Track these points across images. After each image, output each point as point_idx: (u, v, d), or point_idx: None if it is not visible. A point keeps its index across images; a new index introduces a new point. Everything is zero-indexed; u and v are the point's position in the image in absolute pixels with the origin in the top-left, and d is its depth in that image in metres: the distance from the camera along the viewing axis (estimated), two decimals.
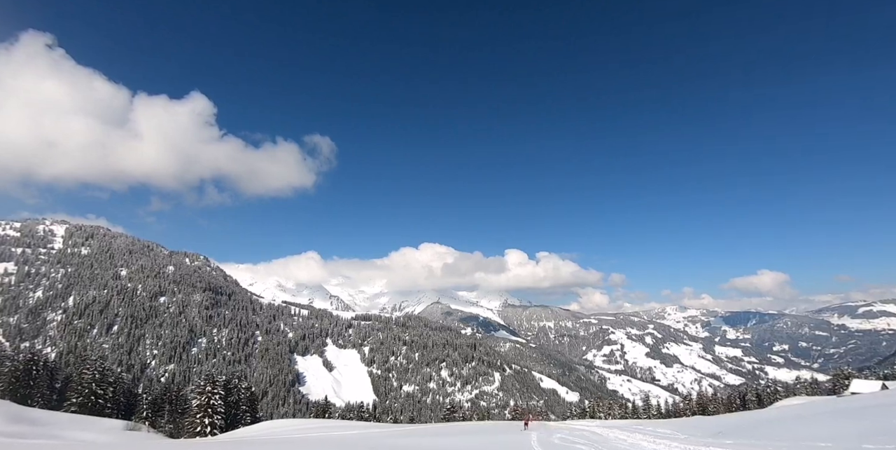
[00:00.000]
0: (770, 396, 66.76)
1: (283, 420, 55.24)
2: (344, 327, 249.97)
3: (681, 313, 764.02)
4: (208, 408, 54.07)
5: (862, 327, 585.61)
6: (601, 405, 77.25)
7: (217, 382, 58.00)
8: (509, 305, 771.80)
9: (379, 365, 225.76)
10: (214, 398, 54.68)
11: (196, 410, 54.70)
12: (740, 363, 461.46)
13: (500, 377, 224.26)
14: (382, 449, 19.52)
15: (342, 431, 29.67)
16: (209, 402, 54.61)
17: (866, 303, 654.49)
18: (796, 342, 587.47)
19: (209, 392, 55.19)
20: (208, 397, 54.64)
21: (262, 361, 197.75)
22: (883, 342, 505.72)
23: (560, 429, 30.29)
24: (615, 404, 78.41)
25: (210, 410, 54.02)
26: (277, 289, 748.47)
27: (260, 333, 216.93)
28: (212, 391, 55.20)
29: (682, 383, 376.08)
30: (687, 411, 66.85)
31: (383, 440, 22.16)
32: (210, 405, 54.32)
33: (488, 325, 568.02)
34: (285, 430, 34.53)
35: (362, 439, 24.01)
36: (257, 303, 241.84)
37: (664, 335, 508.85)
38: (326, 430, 30.66)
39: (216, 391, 55.35)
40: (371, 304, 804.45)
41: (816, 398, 56.30)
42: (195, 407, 55.00)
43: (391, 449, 19.63)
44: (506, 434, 20.03)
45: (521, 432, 28.11)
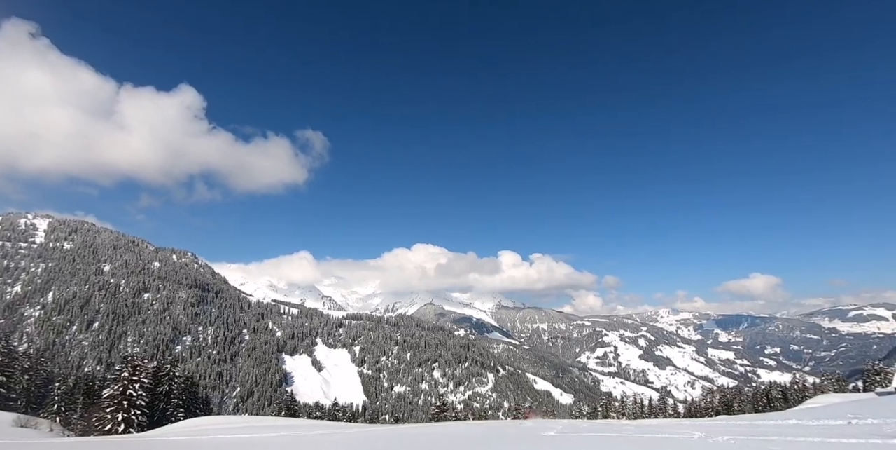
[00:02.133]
0: (797, 393, 63.33)
1: (221, 417, 46.65)
2: (334, 327, 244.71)
3: (674, 316, 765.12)
4: (124, 400, 42.96)
5: (853, 331, 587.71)
6: (613, 405, 72.84)
7: (139, 367, 45.61)
8: (503, 306, 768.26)
9: (370, 365, 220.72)
10: (133, 388, 43.72)
11: (107, 402, 43.11)
12: (733, 366, 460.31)
13: (493, 379, 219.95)
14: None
15: (278, 431, 24.88)
16: (125, 392, 43.35)
17: (857, 307, 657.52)
18: (788, 345, 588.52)
19: (126, 380, 44.06)
20: (124, 387, 43.57)
21: (249, 360, 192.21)
22: (873, 346, 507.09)
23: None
24: (628, 402, 73.98)
25: (126, 402, 42.94)
26: (269, 289, 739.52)
27: (247, 332, 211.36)
28: (130, 379, 44.19)
29: (676, 385, 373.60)
30: (710, 410, 63.15)
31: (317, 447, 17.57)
32: (127, 397, 43.18)
33: (482, 326, 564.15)
34: (213, 428, 29.49)
35: (292, 442, 19.46)
36: (245, 301, 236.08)
37: (657, 338, 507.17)
38: (261, 430, 25.84)
39: (137, 379, 44.35)
40: (364, 305, 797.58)
41: (852, 395, 53.07)
42: (106, 399, 43.40)
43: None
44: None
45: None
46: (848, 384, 71.68)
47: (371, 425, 36.08)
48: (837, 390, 64.00)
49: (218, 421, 37.11)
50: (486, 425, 28.74)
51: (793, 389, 65.71)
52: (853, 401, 33.83)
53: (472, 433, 20.94)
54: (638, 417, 66.95)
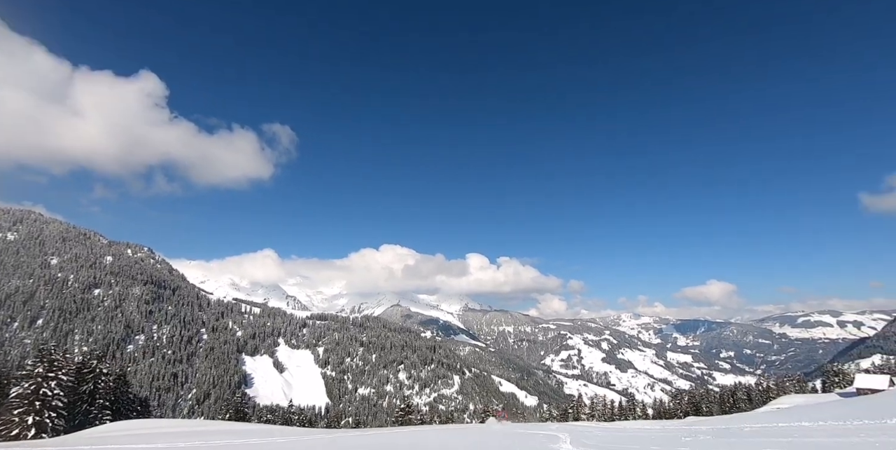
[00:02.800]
0: (762, 394, 64.57)
1: (152, 421, 40.44)
2: (298, 327, 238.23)
3: (635, 321, 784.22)
4: (36, 400, 37.43)
5: (801, 336, 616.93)
6: (583, 407, 72.31)
7: (57, 362, 39.60)
8: (469, 309, 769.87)
9: (334, 366, 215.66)
10: (48, 386, 38.15)
11: (16, 403, 37.29)
12: (690, 369, 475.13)
13: (459, 381, 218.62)
14: None
15: (196, 439, 22.23)
16: (38, 391, 37.71)
17: (805, 313, 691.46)
18: (741, 349, 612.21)
19: (40, 376, 38.31)
20: (37, 385, 37.99)
21: (207, 360, 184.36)
22: (819, 350, 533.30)
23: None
24: (598, 404, 73.72)
25: (39, 403, 37.41)
26: (231, 287, 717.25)
27: (206, 331, 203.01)
28: (46, 376, 38.54)
29: (636, 387, 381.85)
30: (679, 412, 63.54)
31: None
32: (40, 396, 37.59)
33: (448, 328, 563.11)
34: (119, 434, 26.49)
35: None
36: (204, 299, 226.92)
37: (619, 341, 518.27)
38: (176, 437, 23.09)
39: (54, 376, 38.74)
40: (329, 305, 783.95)
41: (815, 396, 54.24)
42: (14, 399, 37.61)
43: None
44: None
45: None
46: (806, 385, 73.73)
47: (313, 431, 33.47)
48: (798, 391, 65.66)
49: (139, 426, 32.73)
50: (462, 431, 26.79)
51: (757, 390, 67.19)
52: (831, 402, 34.15)
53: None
54: (608, 419, 66.79)
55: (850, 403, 32.60)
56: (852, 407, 26.63)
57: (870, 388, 48.97)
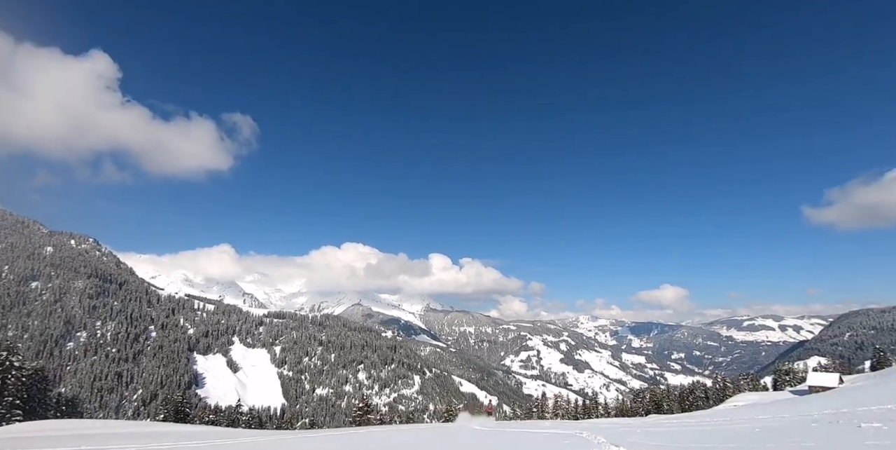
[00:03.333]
0: (718, 392, 66.36)
1: (64, 421, 37.24)
2: (254, 325, 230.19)
3: (592, 323, 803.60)
4: None
5: (746, 339, 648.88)
6: (546, 406, 72.06)
7: None
8: (431, 309, 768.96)
9: (291, 366, 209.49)
10: None
11: None
12: (643, 369, 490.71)
13: (419, 381, 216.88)
14: None
15: (115, 441, 19.83)
16: None
17: (750, 318, 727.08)
18: (691, 351, 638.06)
19: None
20: None
21: (155, 359, 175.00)
22: (762, 352, 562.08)
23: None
24: (561, 403, 73.68)
25: None
26: (184, 283, 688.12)
27: (154, 329, 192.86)
28: None
29: (592, 387, 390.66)
30: (641, 410, 64.30)
31: None
32: None
33: (409, 328, 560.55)
34: (35, 435, 23.63)
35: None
36: (154, 295, 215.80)
37: (577, 343, 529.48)
38: (101, 440, 20.55)
39: None
40: (288, 303, 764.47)
41: (769, 394, 55.98)
42: None
43: None
44: None
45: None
46: (759, 384, 76.42)
47: (259, 433, 31.02)
48: (752, 390, 67.91)
49: (52, 427, 28.90)
50: (450, 433, 24.48)
51: (714, 388, 69.21)
52: (789, 399, 34.89)
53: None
54: (572, 417, 66.91)
55: (807, 399, 33.37)
56: (809, 403, 26.97)
57: (821, 385, 50.82)
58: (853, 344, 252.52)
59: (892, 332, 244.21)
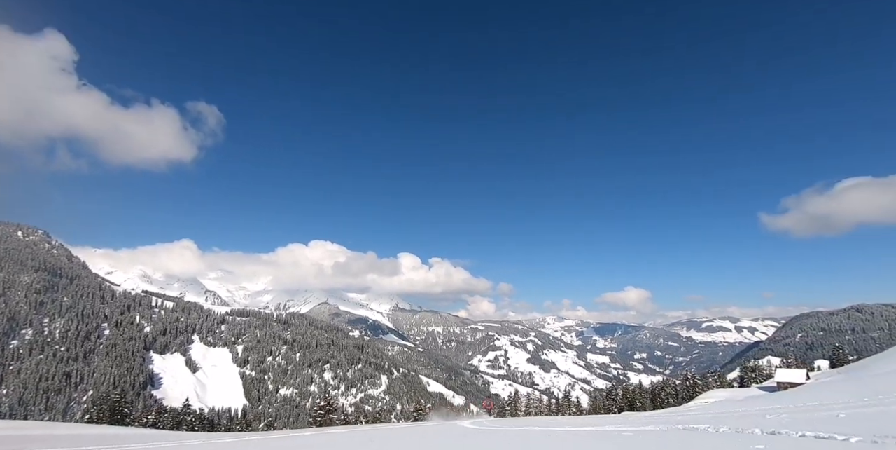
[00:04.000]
0: (688, 389, 67.28)
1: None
2: (216, 323, 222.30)
3: (559, 323, 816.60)
4: None
5: (704, 340, 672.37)
6: (520, 404, 71.30)
7: None
8: (400, 309, 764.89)
9: (254, 366, 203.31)
10: None
11: None
12: (607, 369, 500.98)
13: (387, 380, 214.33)
14: None
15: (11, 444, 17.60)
16: None
17: (708, 319, 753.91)
18: (653, 351, 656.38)
19: None
20: None
21: (107, 359, 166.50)
22: (719, 352, 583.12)
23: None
24: (533, 401, 73.10)
25: None
26: (142, 280, 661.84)
27: (108, 326, 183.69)
28: None
29: (558, 386, 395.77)
30: (614, 407, 64.44)
31: None
32: None
33: (377, 328, 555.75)
34: None
35: None
36: (108, 290, 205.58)
37: (544, 343, 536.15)
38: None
39: None
40: (253, 302, 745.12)
41: (739, 390, 56.84)
42: None
43: None
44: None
45: None
46: (727, 381, 78.21)
47: (201, 436, 28.50)
48: (720, 387, 69.33)
49: None
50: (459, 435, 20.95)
51: (684, 385, 70.30)
52: (760, 395, 35.15)
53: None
54: (545, 414, 66.52)
55: (778, 395, 33.61)
56: (780, 399, 26.87)
57: (789, 381, 52.00)
58: (804, 345, 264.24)
59: (840, 333, 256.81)
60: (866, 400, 19.42)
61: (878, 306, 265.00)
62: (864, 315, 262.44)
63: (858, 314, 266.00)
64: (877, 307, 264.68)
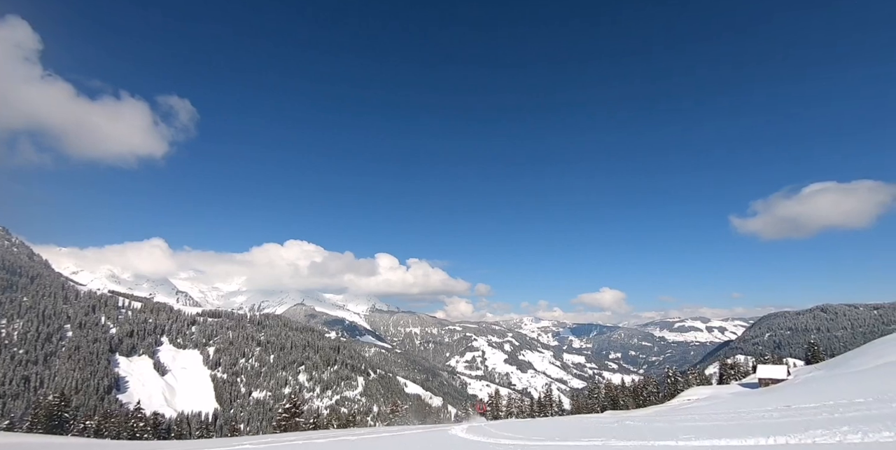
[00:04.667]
0: (670, 387, 67.45)
1: None
2: (186, 324, 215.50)
3: (535, 324, 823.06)
4: None
5: (677, 339, 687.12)
6: (501, 404, 70.03)
7: None
8: (377, 310, 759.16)
9: (226, 368, 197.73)
10: None
11: None
12: (583, 369, 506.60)
13: (363, 382, 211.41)
14: None
15: None
16: None
17: (680, 319, 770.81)
18: (627, 351, 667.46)
19: None
20: None
21: (70, 361, 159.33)
22: (691, 352, 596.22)
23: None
24: (514, 401, 71.93)
25: None
26: (110, 280, 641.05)
27: (71, 328, 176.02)
28: None
29: (535, 386, 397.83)
30: (596, 406, 63.98)
31: None
32: None
33: (354, 329, 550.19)
34: None
35: None
36: (72, 290, 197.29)
37: (521, 343, 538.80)
38: None
39: None
40: (226, 303, 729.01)
41: (720, 387, 57.00)
42: None
43: None
44: None
45: None
46: (707, 378, 78.92)
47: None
48: (700, 384, 69.81)
49: None
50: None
51: (666, 383, 70.62)
52: (744, 393, 34.92)
53: None
54: (528, 416, 65.72)
55: (765, 392, 33.37)
56: (767, 395, 26.46)
57: (771, 378, 52.18)
58: (772, 343, 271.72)
59: (806, 332, 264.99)
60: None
61: (842, 306, 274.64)
62: (829, 315, 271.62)
63: (823, 314, 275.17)
64: (840, 307, 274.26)
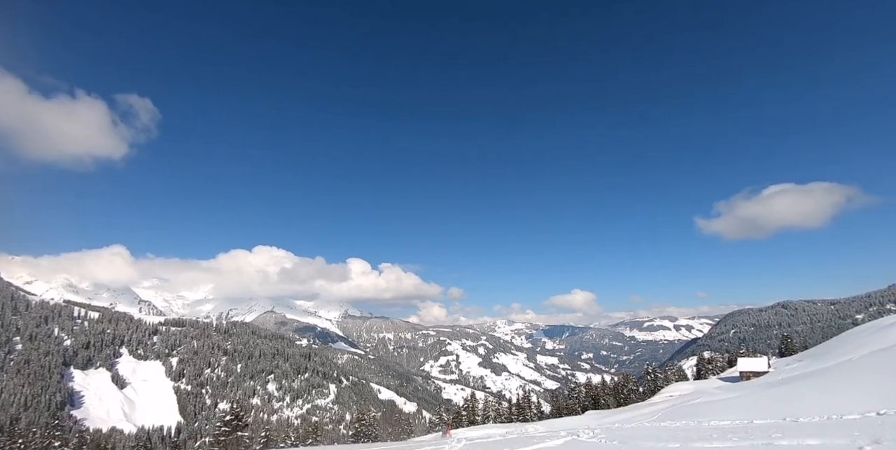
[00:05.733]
0: (650, 383, 67.29)
1: None
2: (147, 334, 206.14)
3: (509, 327, 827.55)
4: None
5: (646, 338, 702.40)
6: (477, 408, 67.87)
7: None
8: (349, 315, 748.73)
9: (190, 379, 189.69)
10: None
11: None
12: (556, 370, 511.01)
13: (335, 390, 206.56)
14: None
15: None
16: None
17: (649, 319, 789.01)
18: (599, 351, 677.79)
19: None
20: None
21: (19, 376, 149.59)
22: (660, 350, 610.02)
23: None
24: (491, 405, 69.96)
25: None
26: (67, 289, 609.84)
27: (21, 340, 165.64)
28: None
29: (509, 389, 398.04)
30: (577, 406, 62.91)
31: None
32: None
33: (326, 336, 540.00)
34: None
35: None
36: (22, 301, 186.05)
37: (495, 346, 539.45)
38: None
39: None
40: (192, 311, 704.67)
41: (701, 382, 57.03)
42: None
43: None
44: None
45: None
46: (684, 373, 79.41)
47: None
48: (678, 380, 70.12)
49: None
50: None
51: (645, 380, 70.62)
52: (727, 387, 34.54)
53: None
54: (506, 419, 64.22)
55: (750, 386, 33.13)
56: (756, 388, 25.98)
57: (752, 371, 52.20)
58: (737, 340, 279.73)
59: (768, 328, 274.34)
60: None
61: (801, 302, 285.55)
62: (789, 311, 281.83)
63: (784, 310, 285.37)
64: (800, 303, 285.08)
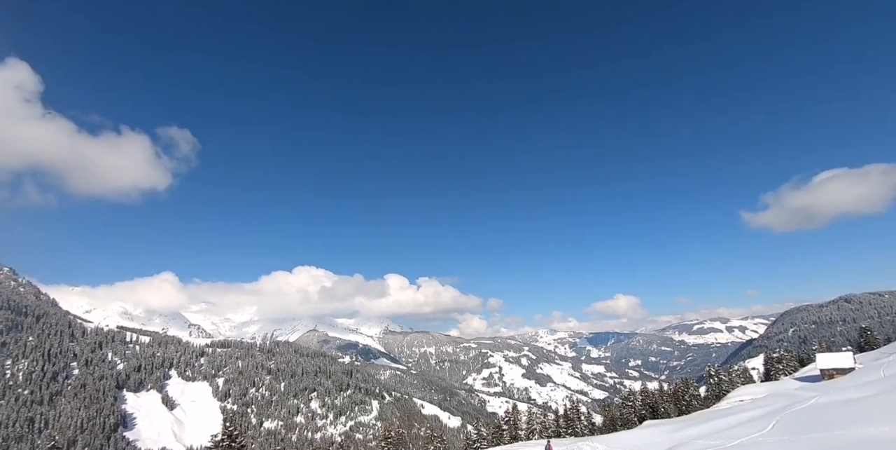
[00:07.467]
0: (713, 388, 63.04)
1: None
2: (195, 356, 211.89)
3: (551, 336, 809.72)
4: None
5: (697, 342, 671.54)
6: (520, 422, 63.18)
7: None
8: (390, 331, 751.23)
9: (235, 399, 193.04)
10: None
11: None
12: (603, 379, 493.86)
13: (378, 406, 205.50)
14: None
15: None
16: None
17: (699, 321, 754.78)
18: (647, 357, 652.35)
19: None
20: None
21: (75, 400, 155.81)
22: (713, 353, 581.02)
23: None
24: (535, 417, 65.48)
25: None
26: (122, 316, 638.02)
27: (77, 366, 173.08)
28: None
29: (555, 400, 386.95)
30: (633, 416, 58.83)
31: None
32: None
33: (368, 352, 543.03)
34: None
35: None
36: (78, 327, 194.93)
37: (538, 357, 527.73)
38: None
39: None
40: (239, 333, 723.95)
41: (773, 384, 52.72)
42: None
43: None
44: None
45: None
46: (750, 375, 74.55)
47: None
48: (745, 382, 65.40)
49: None
50: None
51: (708, 383, 66.26)
52: (804, 386, 31.21)
53: None
54: (553, 433, 60.67)
55: (832, 386, 29.66)
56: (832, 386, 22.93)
57: (835, 368, 47.01)
58: (797, 339, 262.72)
59: (831, 324, 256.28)
60: None
61: (866, 295, 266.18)
62: (853, 305, 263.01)
63: (847, 305, 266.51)
64: (864, 296, 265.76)
